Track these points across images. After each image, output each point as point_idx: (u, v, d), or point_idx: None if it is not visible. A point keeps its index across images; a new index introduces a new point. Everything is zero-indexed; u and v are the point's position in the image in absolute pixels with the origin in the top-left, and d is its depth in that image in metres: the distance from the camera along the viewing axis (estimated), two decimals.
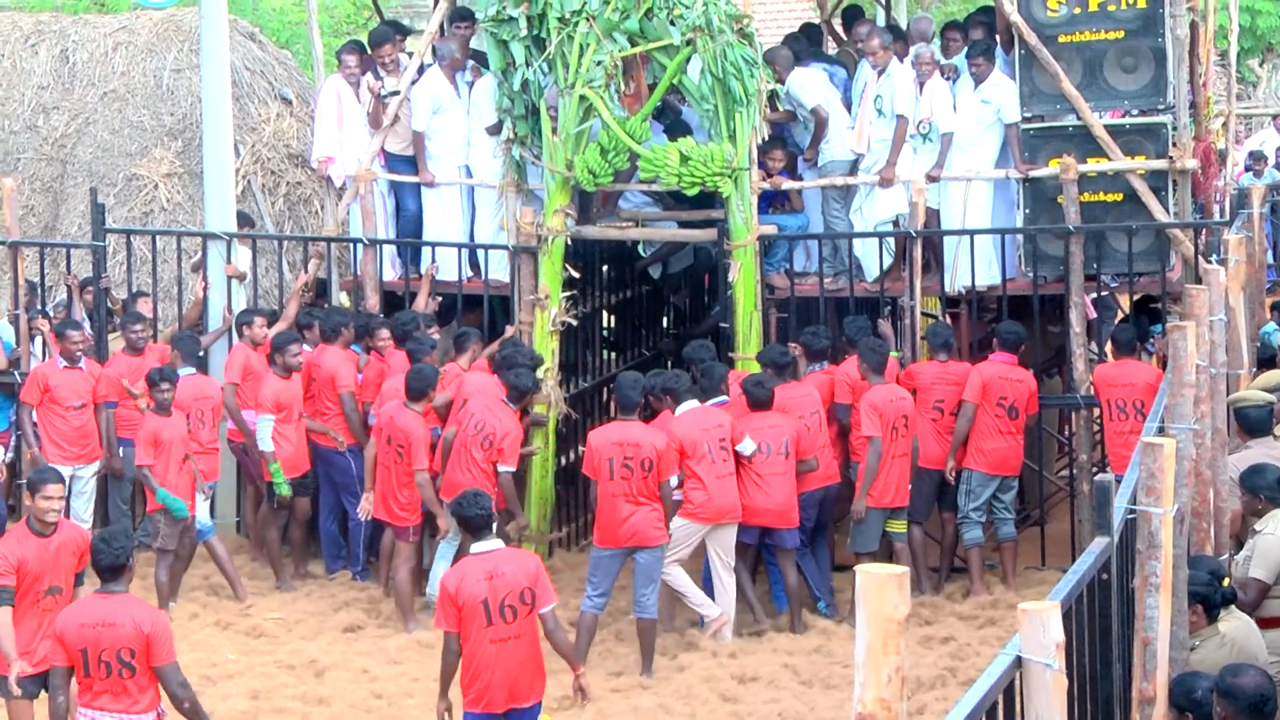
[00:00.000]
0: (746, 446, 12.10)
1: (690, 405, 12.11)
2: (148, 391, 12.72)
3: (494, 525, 9.33)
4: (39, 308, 15.05)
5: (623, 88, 13.72)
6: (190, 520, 12.72)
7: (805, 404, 12.71)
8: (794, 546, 12.48)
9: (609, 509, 11.58)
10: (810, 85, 14.34)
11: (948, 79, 14.19)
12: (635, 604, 11.75)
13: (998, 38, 14.41)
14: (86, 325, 14.42)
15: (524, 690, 9.20)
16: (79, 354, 13.51)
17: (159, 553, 12.72)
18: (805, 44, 15.60)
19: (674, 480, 11.69)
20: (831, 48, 17.25)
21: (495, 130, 14.24)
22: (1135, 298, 14.91)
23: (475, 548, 9.20)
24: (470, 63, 14.81)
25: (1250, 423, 10.58)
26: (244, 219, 15.41)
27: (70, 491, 13.39)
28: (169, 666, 8.48)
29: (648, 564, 11.66)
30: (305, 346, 13.65)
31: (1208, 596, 8.11)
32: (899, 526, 12.90)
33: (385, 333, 13.66)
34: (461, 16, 14.92)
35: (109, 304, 14.80)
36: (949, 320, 13.98)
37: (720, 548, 12.05)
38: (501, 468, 12.38)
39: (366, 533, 13.40)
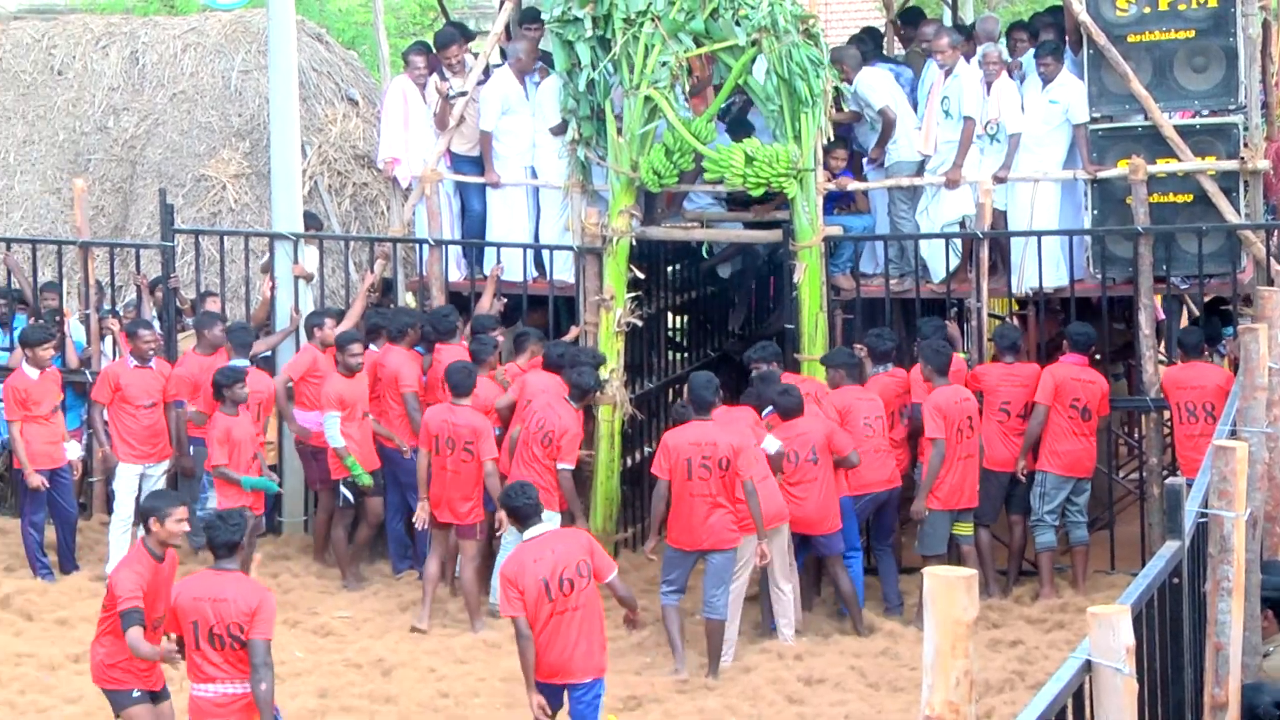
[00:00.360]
0: (770, 444, 11.99)
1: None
2: (216, 390, 12.83)
3: (540, 513, 9.69)
4: (109, 307, 15.19)
5: (688, 89, 13.73)
6: (260, 518, 12.83)
7: (867, 409, 12.67)
8: (839, 551, 12.36)
9: (687, 510, 11.51)
10: (878, 85, 14.29)
11: (1015, 79, 14.12)
12: (705, 604, 11.72)
13: (1066, 38, 14.33)
14: (156, 325, 14.55)
15: (582, 665, 9.42)
16: (150, 353, 13.63)
17: None
18: (870, 45, 15.54)
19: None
20: (897, 49, 17.17)
21: (560, 131, 14.26)
22: (1206, 300, 14.79)
23: (527, 534, 9.57)
24: (539, 64, 14.84)
25: None
26: (311, 220, 15.49)
27: (141, 490, 13.54)
28: (262, 642, 8.60)
29: (720, 565, 11.63)
30: (372, 347, 13.71)
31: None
32: (966, 529, 12.85)
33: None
34: (530, 19, 14.95)
35: (177, 304, 14.91)
36: (1016, 322, 13.91)
37: (774, 553, 11.99)
38: (561, 465, 12.41)
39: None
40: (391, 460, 13.59)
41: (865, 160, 14.63)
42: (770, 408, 12.40)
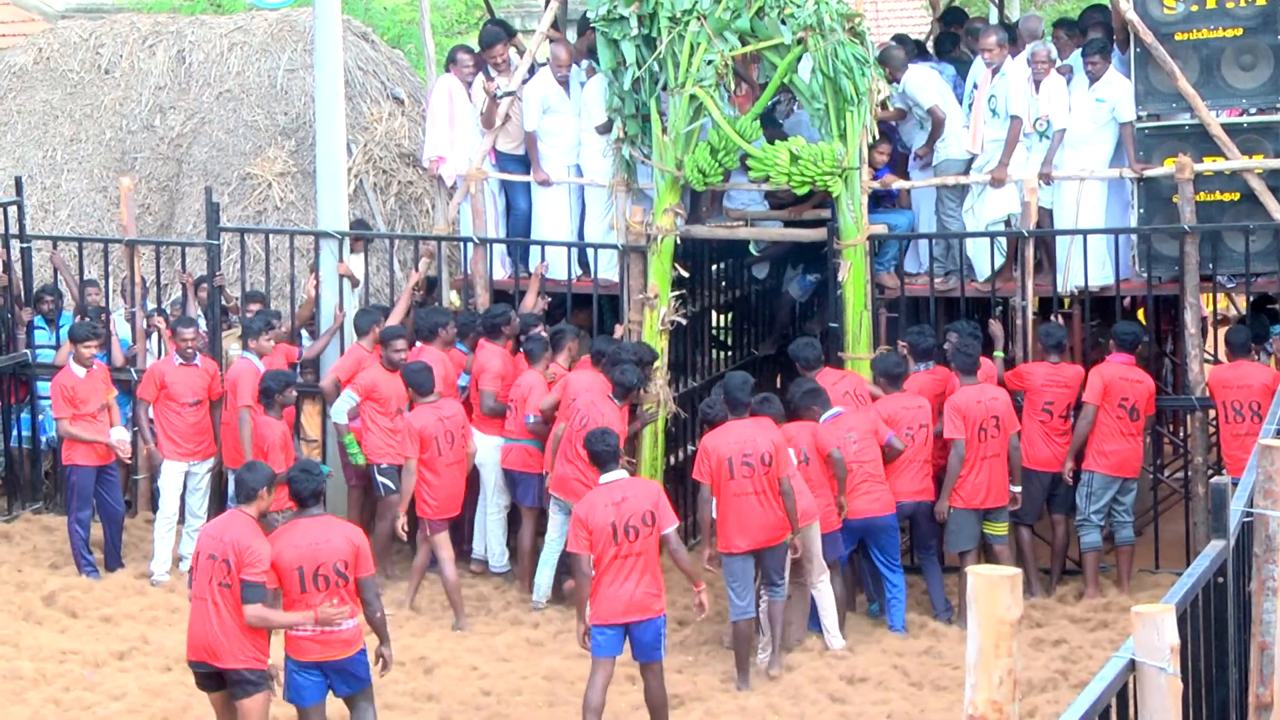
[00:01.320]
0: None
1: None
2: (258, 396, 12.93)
3: (617, 459, 10.49)
4: (155, 305, 15.28)
5: (733, 87, 13.73)
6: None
7: (913, 416, 12.64)
8: (835, 558, 12.26)
9: (736, 510, 11.45)
10: (927, 84, 14.26)
11: (1064, 77, 14.06)
12: (768, 592, 11.71)
13: (1113, 36, 14.27)
14: (201, 323, 14.62)
15: (643, 604, 10.22)
16: (193, 351, 13.70)
17: None
18: (911, 46, 15.53)
19: None
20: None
21: (605, 129, 14.28)
22: (1252, 298, 14.72)
23: (603, 479, 10.40)
24: (586, 62, 14.86)
25: None
26: (359, 226, 15.50)
27: (185, 487, 13.61)
28: (370, 578, 9.57)
29: (775, 561, 11.63)
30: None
31: None
32: (998, 529, 12.78)
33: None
34: (580, 29, 14.99)
35: (223, 302, 14.98)
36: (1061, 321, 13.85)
37: (807, 552, 11.96)
38: None
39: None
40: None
41: (912, 158, 14.60)
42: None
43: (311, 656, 9.46)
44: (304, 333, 14.81)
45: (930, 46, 16.57)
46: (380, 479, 13.36)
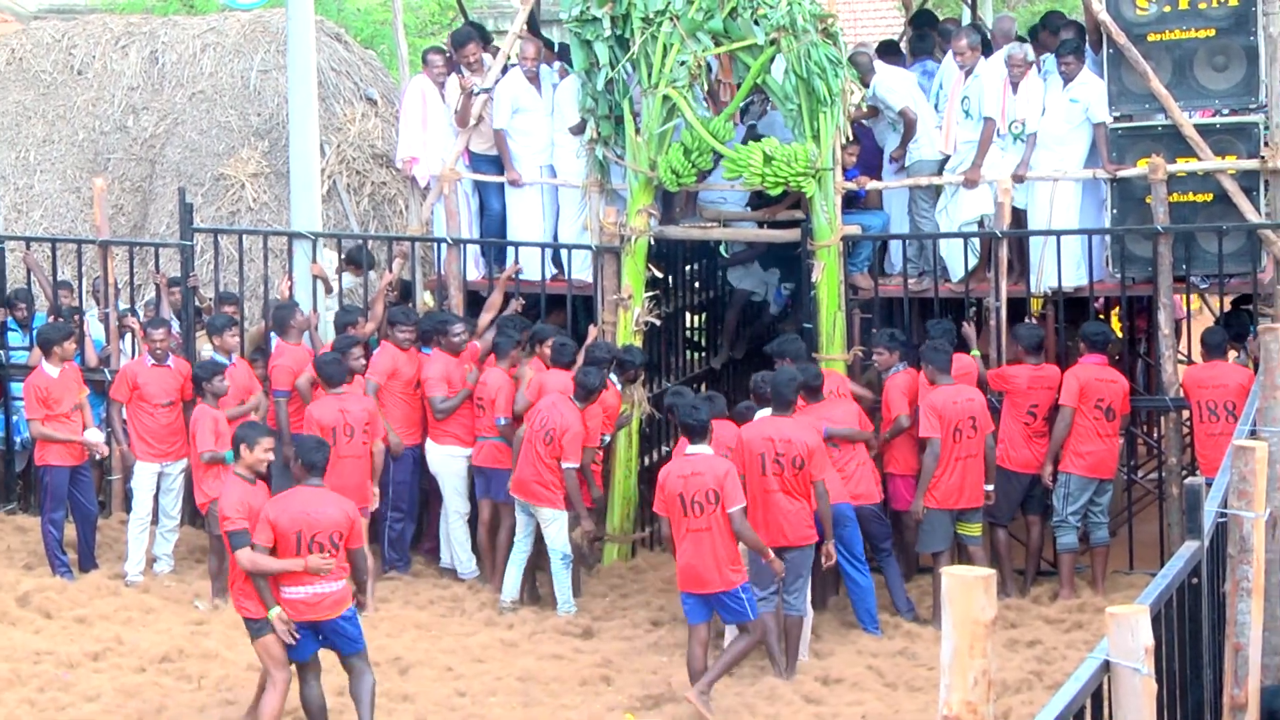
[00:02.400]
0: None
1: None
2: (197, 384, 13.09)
3: (708, 434, 10.89)
4: (128, 306, 15.21)
5: (706, 88, 13.72)
6: None
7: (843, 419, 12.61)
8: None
9: (762, 507, 11.35)
10: (898, 87, 14.26)
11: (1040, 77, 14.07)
12: (784, 603, 11.55)
13: (1086, 37, 14.29)
14: (175, 324, 14.56)
15: (712, 578, 10.67)
16: (164, 352, 13.64)
17: (216, 539, 12.90)
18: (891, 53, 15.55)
19: None
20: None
21: (578, 130, 14.26)
22: (1229, 299, 14.75)
23: (689, 450, 10.87)
24: (557, 63, 14.84)
25: None
26: (358, 253, 15.40)
27: (159, 488, 13.55)
28: (360, 551, 10.16)
29: (798, 561, 11.49)
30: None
31: None
32: (972, 530, 12.77)
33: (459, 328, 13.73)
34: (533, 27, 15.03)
35: (196, 302, 14.93)
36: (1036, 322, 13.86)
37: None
38: (565, 464, 12.47)
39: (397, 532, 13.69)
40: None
41: (888, 160, 14.59)
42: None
43: (304, 616, 9.94)
44: (273, 335, 14.74)
45: (904, 47, 16.58)
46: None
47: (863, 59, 14.40)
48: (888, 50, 16.13)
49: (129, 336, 14.91)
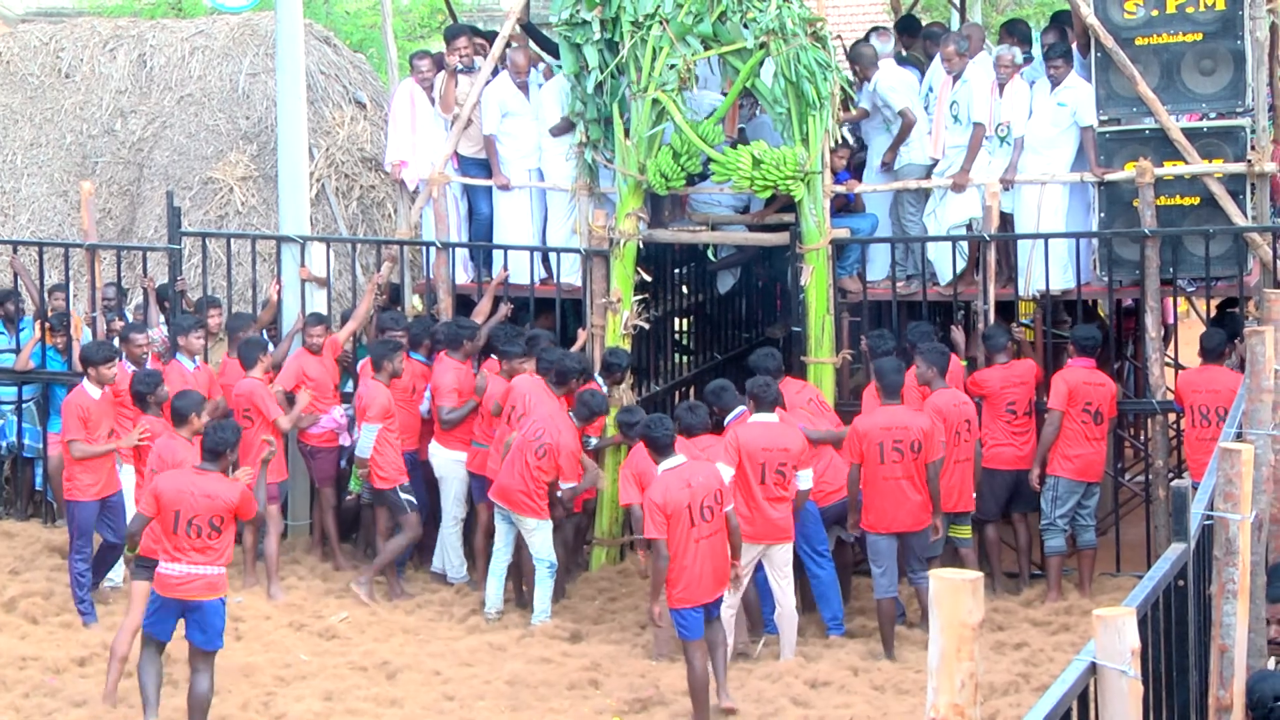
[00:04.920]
0: (725, 472, 11.55)
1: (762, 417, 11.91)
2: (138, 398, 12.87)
3: (674, 445, 10.77)
4: (116, 311, 15.19)
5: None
6: None
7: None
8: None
9: (885, 493, 11.78)
10: (900, 86, 14.27)
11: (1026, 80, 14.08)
12: (911, 580, 12.04)
13: (1073, 40, 14.32)
14: (164, 327, 14.54)
15: (713, 586, 10.63)
16: (143, 357, 13.55)
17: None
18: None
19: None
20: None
21: (559, 131, 14.26)
22: (1216, 302, 14.77)
23: (665, 465, 10.65)
24: (542, 65, 14.85)
25: None
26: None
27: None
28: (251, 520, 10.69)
29: (918, 545, 12.01)
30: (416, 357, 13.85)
31: None
32: (962, 532, 12.81)
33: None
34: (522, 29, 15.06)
35: (184, 306, 14.91)
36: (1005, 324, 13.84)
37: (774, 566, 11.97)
38: (565, 485, 12.55)
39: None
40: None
41: (881, 164, 14.57)
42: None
43: (173, 593, 10.12)
44: (265, 336, 14.74)
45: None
46: (404, 497, 13.24)
47: (867, 51, 14.42)
48: (907, 28, 16.09)
49: (116, 340, 14.86)
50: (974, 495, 12.80)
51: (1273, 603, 7.85)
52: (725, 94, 13.83)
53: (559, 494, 12.56)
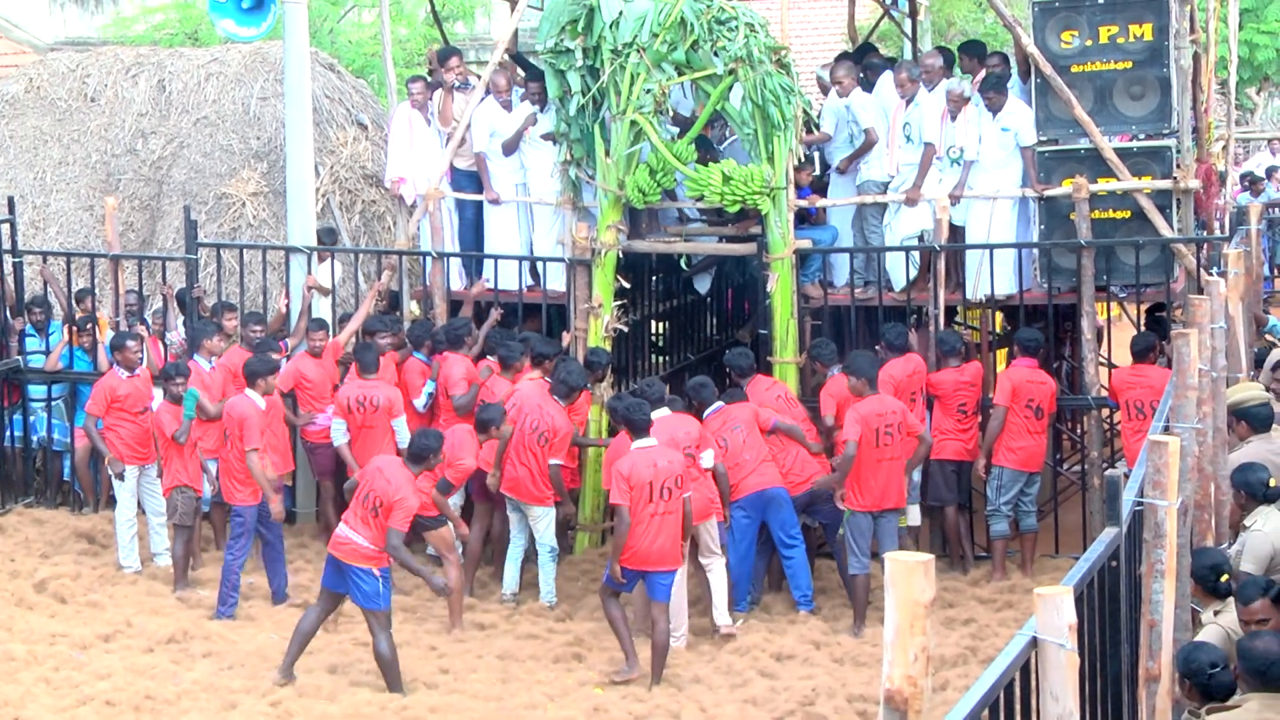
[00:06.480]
0: (708, 459, 11.85)
1: (660, 413, 11.84)
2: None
3: (649, 428, 11.10)
4: (138, 316, 15.16)
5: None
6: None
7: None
8: (724, 541, 12.21)
9: (877, 474, 11.85)
10: (870, 106, 14.31)
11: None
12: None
13: (1014, 66, 14.35)
14: (181, 330, 14.53)
15: (667, 557, 10.94)
16: (137, 362, 13.53)
17: (176, 528, 12.88)
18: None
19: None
20: None
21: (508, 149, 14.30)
22: (1145, 307, 14.83)
23: (639, 444, 11.00)
24: (520, 89, 14.83)
25: (1256, 420, 10.48)
26: (329, 235, 15.49)
27: (141, 489, 13.38)
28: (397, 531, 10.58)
29: (892, 525, 12.18)
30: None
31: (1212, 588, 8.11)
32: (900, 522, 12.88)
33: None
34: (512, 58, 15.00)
35: (200, 311, 14.88)
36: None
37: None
38: (552, 461, 12.50)
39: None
40: None
41: (833, 170, 14.59)
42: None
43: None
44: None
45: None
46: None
47: (848, 68, 14.44)
48: (861, 57, 15.98)
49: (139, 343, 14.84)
50: (918, 485, 12.90)
51: (1245, 605, 7.85)
52: (698, 115, 13.83)
53: (550, 467, 12.52)
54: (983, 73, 14.33)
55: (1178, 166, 13.54)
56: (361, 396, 13.16)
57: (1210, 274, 12.74)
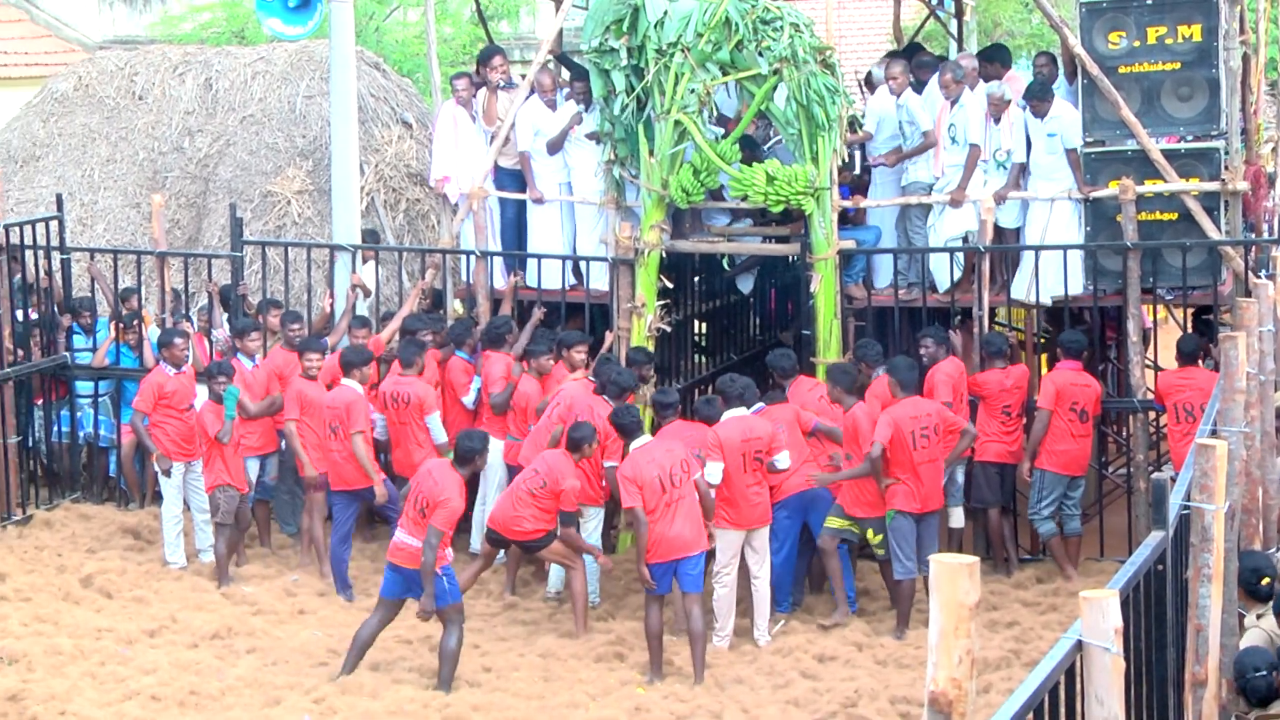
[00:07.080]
0: (712, 471, 11.60)
1: (737, 412, 11.87)
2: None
3: (642, 429, 11.54)
4: (184, 312, 15.25)
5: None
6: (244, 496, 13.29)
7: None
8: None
9: (920, 476, 11.82)
10: (926, 108, 14.22)
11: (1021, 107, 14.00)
12: (925, 564, 11.70)
13: (1061, 67, 14.27)
14: (226, 327, 14.61)
15: (692, 541, 11.04)
16: (184, 359, 13.60)
17: (218, 527, 12.95)
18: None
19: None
20: None
21: (594, 136, 14.26)
22: (1192, 310, 14.74)
23: (634, 444, 11.29)
24: (565, 89, 14.84)
25: None
26: (371, 236, 15.55)
27: (186, 486, 13.43)
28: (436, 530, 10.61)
29: (934, 528, 12.14)
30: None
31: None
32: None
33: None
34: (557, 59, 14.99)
35: (244, 309, 14.95)
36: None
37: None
38: (607, 464, 12.36)
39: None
40: None
41: (879, 163, 14.41)
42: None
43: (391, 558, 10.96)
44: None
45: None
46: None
47: (902, 66, 14.35)
48: (910, 56, 15.88)
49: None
50: (962, 487, 12.87)
51: None
52: (742, 115, 13.81)
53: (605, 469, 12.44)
54: (1007, 74, 14.24)
55: (1226, 168, 13.45)
56: (396, 392, 13.23)
57: (1258, 277, 12.65)
